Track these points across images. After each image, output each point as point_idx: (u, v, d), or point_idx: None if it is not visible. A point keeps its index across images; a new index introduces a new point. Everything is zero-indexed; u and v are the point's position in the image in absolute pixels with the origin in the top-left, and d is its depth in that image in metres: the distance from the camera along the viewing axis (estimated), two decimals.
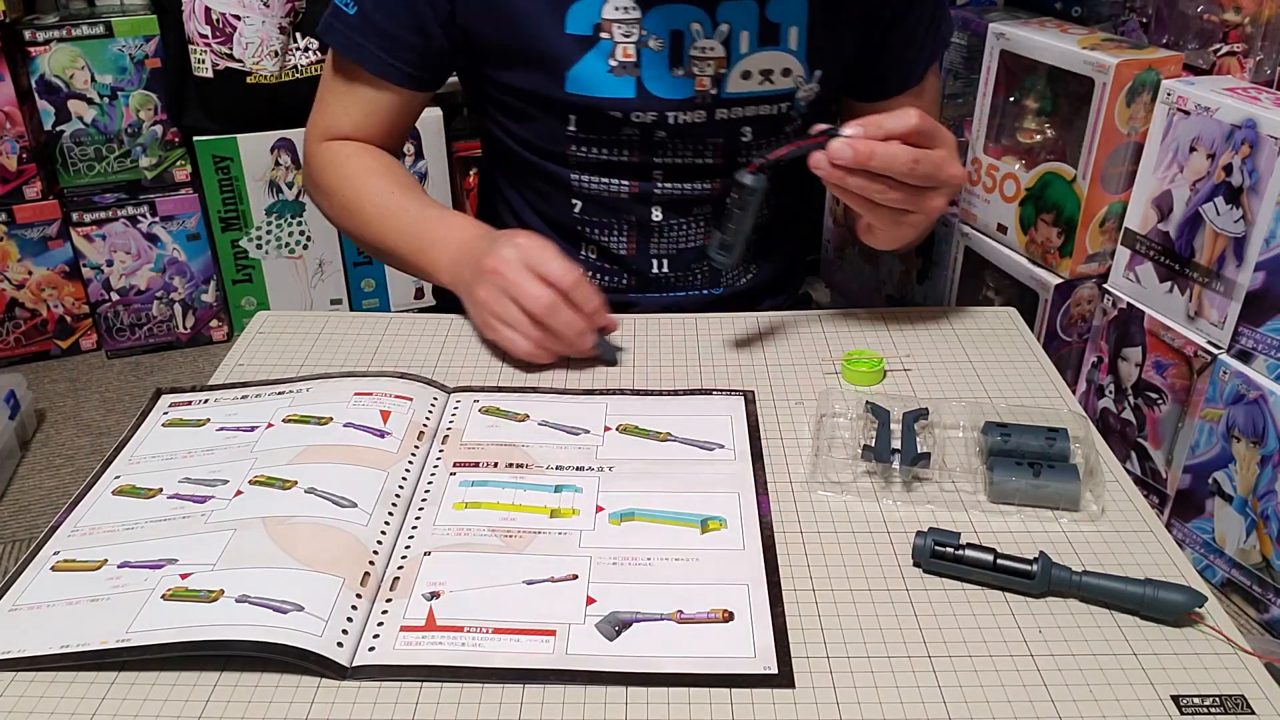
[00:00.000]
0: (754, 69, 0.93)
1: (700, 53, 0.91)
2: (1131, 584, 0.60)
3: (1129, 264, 1.35)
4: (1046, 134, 1.42)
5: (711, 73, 0.92)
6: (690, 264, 1.02)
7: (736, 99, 0.93)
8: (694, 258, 1.02)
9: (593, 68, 0.91)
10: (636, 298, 1.03)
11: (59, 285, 1.98)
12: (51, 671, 0.57)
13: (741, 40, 0.91)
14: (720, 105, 0.93)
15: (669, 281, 1.03)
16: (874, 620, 0.60)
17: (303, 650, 0.57)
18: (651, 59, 0.91)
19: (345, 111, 0.99)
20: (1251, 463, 1.22)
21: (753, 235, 0.83)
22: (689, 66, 0.91)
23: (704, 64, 0.91)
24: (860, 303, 1.93)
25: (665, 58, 0.91)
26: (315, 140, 1.01)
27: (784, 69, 0.93)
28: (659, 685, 0.56)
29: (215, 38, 1.86)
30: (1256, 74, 1.27)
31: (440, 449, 0.75)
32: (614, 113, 0.93)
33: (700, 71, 0.92)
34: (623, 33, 0.90)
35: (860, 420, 0.76)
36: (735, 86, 0.93)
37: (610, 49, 0.90)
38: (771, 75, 0.93)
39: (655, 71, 0.91)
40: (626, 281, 1.02)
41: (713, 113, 0.94)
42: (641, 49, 0.91)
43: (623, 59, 0.91)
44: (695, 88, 0.92)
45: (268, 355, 0.87)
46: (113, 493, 0.70)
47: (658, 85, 0.92)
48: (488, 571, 0.63)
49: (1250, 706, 0.55)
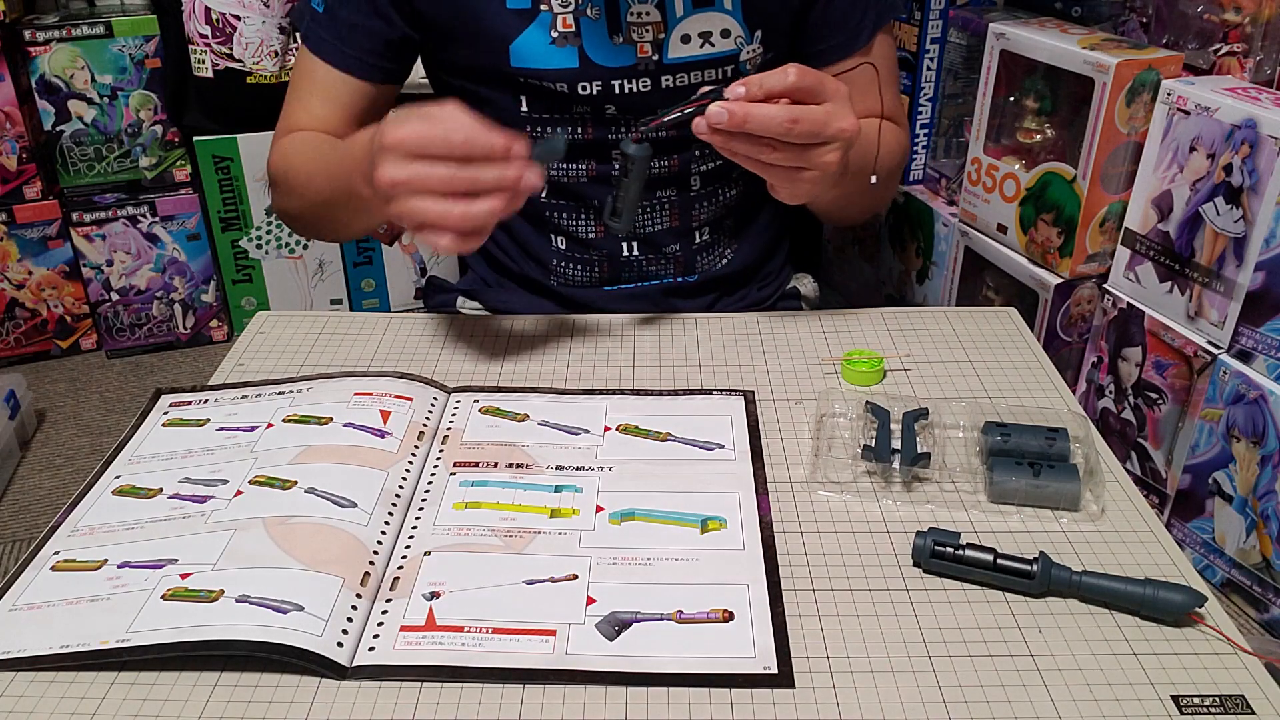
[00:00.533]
0: (693, 32, 0.93)
1: (637, 18, 0.91)
2: (1131, 584, 0.60)
3: (1129, 264, 1.35)
4: (1046, 134, 1.42)
5: (651, 38, 0.92)
6: (661, 247, 1.02)
7: (680, 63, 0.94)
8: (664, 240, 1.01)
9: (534, 40, 0.92)
10: (612, 289, 1.03)
11: (59, 285, 1.98)
12: (51, 671, 0.57)
13: (676, 3, 0.92)
14: (664, 72, 0.93)
15: (642, 267, 1.02)
16: (874, 620, 0.60)
17: (303, 650, 0.57)
18: (591, 28, 0.91)
19: (306, 109, 0.98)
20: (1251, 463, 1.22)
21: (644, 201, 0.84)
22: (628, 33, 0.92)
23: (642, 29, 0.92)
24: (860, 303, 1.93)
25: (603, 26, 0.91)
26: (273, 144, 1.00)
27: (723, 30, 0.93)
28: (659, 685, 0.56)
29: (215, 38, 1.86)
30: (1256, 74, 1.27)
31: (440, 449, 0.75)
32: (560, 86, 0.93)
33: (640, 37, 0.92)
34: (560, 3, 0.91)
35: (860, 420, 0.76)
36: (676, 51, 0.93)
37: (550, 20, 0.91)
38: (711, 37, 0.93)
39: (596, 40, 0.92)
40: (599, 271, 1.02)
41: (658, 80, 0.94)
42: (580, 18, 0.91)
43: (563, 29, 0.91)
44: (637, 54, 0.92)
45: (268, 355, 0.88)
46: (113, 493, 0.70)
47: (599, 54, 0.92)
48: (488, 571, 0.63)
49: (1250, 706, 0.55)
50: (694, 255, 1.03)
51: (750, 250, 1.07)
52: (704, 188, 1.00)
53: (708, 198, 1.01)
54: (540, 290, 1.04)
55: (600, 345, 0.88)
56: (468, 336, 0.90)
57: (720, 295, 1.06)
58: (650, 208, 1.00)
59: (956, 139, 1.68)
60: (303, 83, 0.99)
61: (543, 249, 1.02)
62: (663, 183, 0.99)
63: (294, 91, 1.00)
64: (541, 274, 1.03)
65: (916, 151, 1.75)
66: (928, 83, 1.68)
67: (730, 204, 1.03)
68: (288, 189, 0.97)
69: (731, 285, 1.06)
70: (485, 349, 0.88)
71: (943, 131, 1.71)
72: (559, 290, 1.03)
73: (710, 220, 1.02)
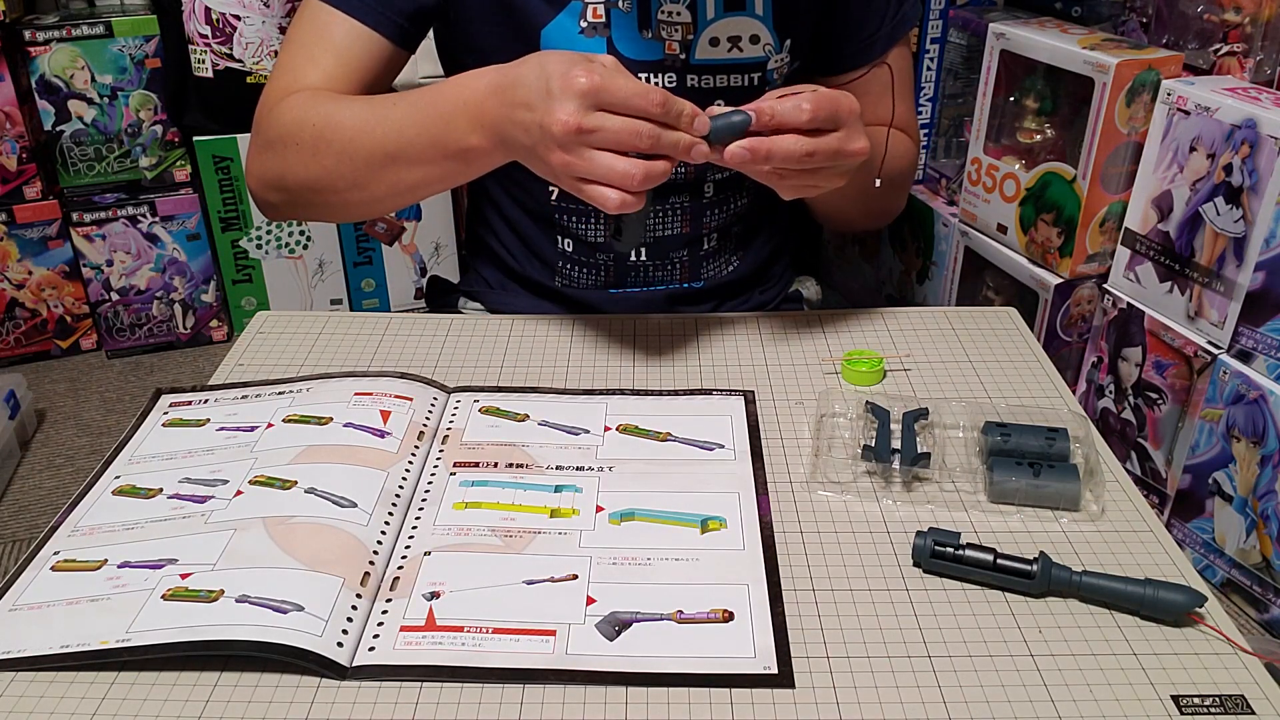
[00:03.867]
0: (722, 35, 0.92)
1: (667, 16, 0.91)
2: (1131, 584, 0.60)
3: (1129, 264, 1.35)
4: (1046, 134, 1.42)
5: (680, 38, 0.91)
6: (669, 253, 1.01)
7: (707, 64, 0.93)
8: (673, 246, 1.01)
9: (564, 28, 0.91)
10: (616, 293, 1.02)
11: (59, 285, 1.98)
12: (51, 671, 0.57)
13: (708, 5, 0.91)
14: (690, 71, 0.93)
15: (648, 272, 1.02)
16: (874, 620, 0.60)
17: (303, 650, 0.57)
18: (620, 19, 0.91)
19: (316, 65, 0.88)
20: (1251, 463, 1.22)
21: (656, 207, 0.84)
22: (657, 29, 0.91)
23: (671, 28, 0.91)
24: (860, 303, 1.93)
25: (634, 19, 0.91)
26: (273, 104, 0.89)
27: (752, 35, 0.93)
28: (659, 685, 0.56)
29: (215, 38, 1.86)
30: (1256, 74, 1.27)
31: (440, 449, 0.75)
32: None
33: (669, 36, 0.91)
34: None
35: (860, 420, 0.76)
36: (704, 53, 0.92)
37: (581, 9, 0.90)
38: (740, 42, 0.93)
39: (625, 33, 0.91)
40: (604, 275, 1.02)
41: (683, 79, 0.93)
42: (610, 9, 0.90)
43: (593, 19, 0.91)
44: (665, 50, 0.92)
45: (268, 355, 0.87)
46: (113, 493, 0.70)
47: (628, 46, 0.92)
48: (488, 571, 0.63)
49: (1250, 706, 0.55)
50: (701, 261, 1.03)
51: (755, 257, 1.07)
52: (717, 195, 1.00)
53: (719, 205, 1.01)
54: (544, 293, 1.04)
55: (600, 345, 0.88)
56: (468, 336, 0.89)
57: (723, 300, 1.06)
58: (663, 213, 0.99)
59: (956, 139, 1.68)
60: (312, 37, 0.90)
61: (549, 251, 1.02)
62: (677, 189, 0.98)
63: (299, 47, 0.90)
64: (546, 275, 1.03)
65: None
66: (928, 83, 1.68)
67: (740, 212, 1.03)
68: (312, 149, 0.85)
69: (735, 291, 1.06)
70: (485, 349, 0.88)
71: (943, 131, 1.71)
72: (563, 292, 1.03)
73: (720, 227, 1.02)
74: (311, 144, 0.85)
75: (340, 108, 0.85)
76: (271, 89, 0.91)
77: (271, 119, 0.88)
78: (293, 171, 0.87)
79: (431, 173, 0.82)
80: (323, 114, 0.85)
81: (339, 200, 0.87)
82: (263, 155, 0.90)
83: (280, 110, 0.87)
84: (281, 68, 0.91)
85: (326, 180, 0.86)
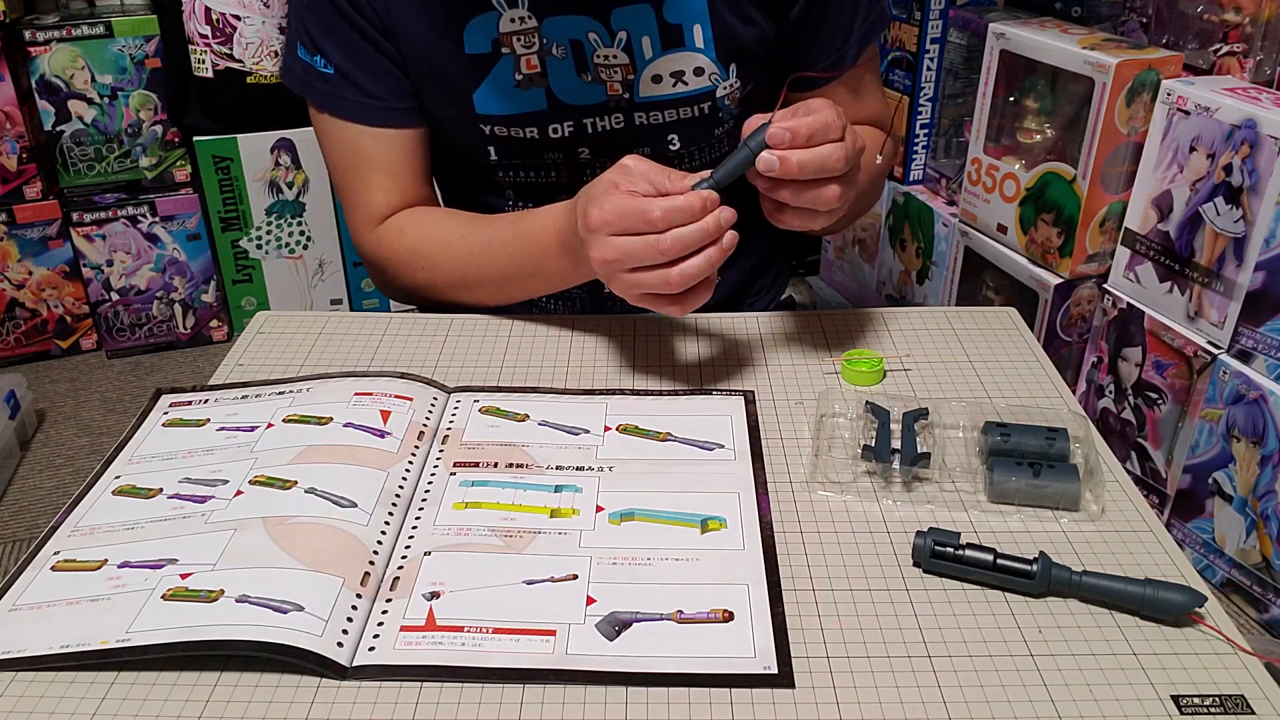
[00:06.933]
0: (663, 72, 0.90)
1: (604, 60, 0.89)
2: (1131, 584, 0.60)
3: (1129, 264, 1.35)
4: (1046, 134, 1.42)
5: (620, 79, 0.89)
6: None
7: (653, 101, 0.91)
8: None
9: (498, 86, 0.89)
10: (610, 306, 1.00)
11: (59, 285, 1.98)
12: (51, 671, 0.57)
13: (644, 45, 0.89)
14: (636, 109, 0.91)
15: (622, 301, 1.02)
16: (874, 620, 0.60)
17: (303, 650, 0.57)
18: (556, 66, 0.89)
19: (371, 186, 0.94)
20: (1251, 463, 1.22)
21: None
22: (596, 73, 0.89)
23: (610, 70, 0.89)
24: (860, 303, 1.93)
25: (570, 65, 0.89)
26: (366, 234, 0.96)
27: (695, 68, 0.90)
28: (659, 685, 0.56)
29: (215, 38, 1.86)
30: (1256, 74, 1.27)
31: (440, 449, 0.75)
32: (530, 132, 0.91)
33: (609, 78, 0.89)
34: (523, 44, 0.88)
35: (860, 420, 0.76)
36: (648, 90, 0.91)
37: (514, 63, 0.89)
38: (684, 76, 0.90)
39: (563, 80, 0.89)
40: (578, 305, 1.01)
41: (630, 117, 0.91)
42: (545, 58, 0.88)
43: (528, 71, 0.89)
44: (607, 91, 0.90)
45: (268, 355, 0.88)
46: (113, 493, 0.70)
47: (568, 94, 0.90)
48: (488, 571, 0.63)
49: (1250, 706, 0.55)
50: None
51: (743, 268, 1.06)
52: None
53: None
54: (540, 300, 1.04)
55: (600, 345, 0.88)
56: (468, 336, 0.90)
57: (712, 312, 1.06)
58: None
59: (956, 139, 1.68)
60: (350, 161, 0.93)
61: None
62: None
63: (349, 179, 0.94)
64: None
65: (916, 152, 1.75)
66: (928, 83, 1.68)
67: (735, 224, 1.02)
68: (418, 266, 0.93)
69: (723, 306, 1.05)
70: (485, 349, 0.88)
71: (943, 131, 1.71)
72: (559, 302, 1.02)
73: None
74: (416, 264, 0.93)
75: (449, 238, 0.92)
76: (354, 224, 0.97)
77: (379, 248, 0.95)
78: (420, 286, 0.95)
79: (527, 279, 0.89)
80: (435, 241, 0.92)
81: (463, 295, 0.94)
82: (383, 276, 0.98)
83: (385, 238, 0.95)
84: (348, 203, 0.96)
85: (453, 292, 0.94)
